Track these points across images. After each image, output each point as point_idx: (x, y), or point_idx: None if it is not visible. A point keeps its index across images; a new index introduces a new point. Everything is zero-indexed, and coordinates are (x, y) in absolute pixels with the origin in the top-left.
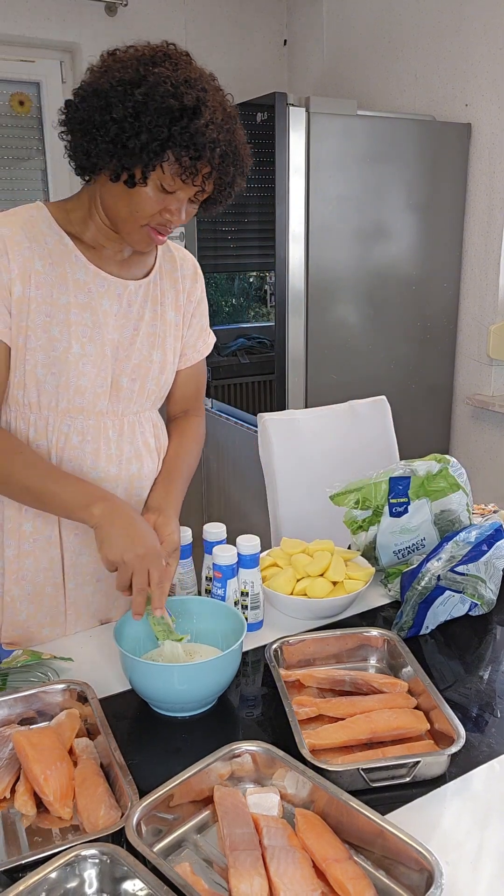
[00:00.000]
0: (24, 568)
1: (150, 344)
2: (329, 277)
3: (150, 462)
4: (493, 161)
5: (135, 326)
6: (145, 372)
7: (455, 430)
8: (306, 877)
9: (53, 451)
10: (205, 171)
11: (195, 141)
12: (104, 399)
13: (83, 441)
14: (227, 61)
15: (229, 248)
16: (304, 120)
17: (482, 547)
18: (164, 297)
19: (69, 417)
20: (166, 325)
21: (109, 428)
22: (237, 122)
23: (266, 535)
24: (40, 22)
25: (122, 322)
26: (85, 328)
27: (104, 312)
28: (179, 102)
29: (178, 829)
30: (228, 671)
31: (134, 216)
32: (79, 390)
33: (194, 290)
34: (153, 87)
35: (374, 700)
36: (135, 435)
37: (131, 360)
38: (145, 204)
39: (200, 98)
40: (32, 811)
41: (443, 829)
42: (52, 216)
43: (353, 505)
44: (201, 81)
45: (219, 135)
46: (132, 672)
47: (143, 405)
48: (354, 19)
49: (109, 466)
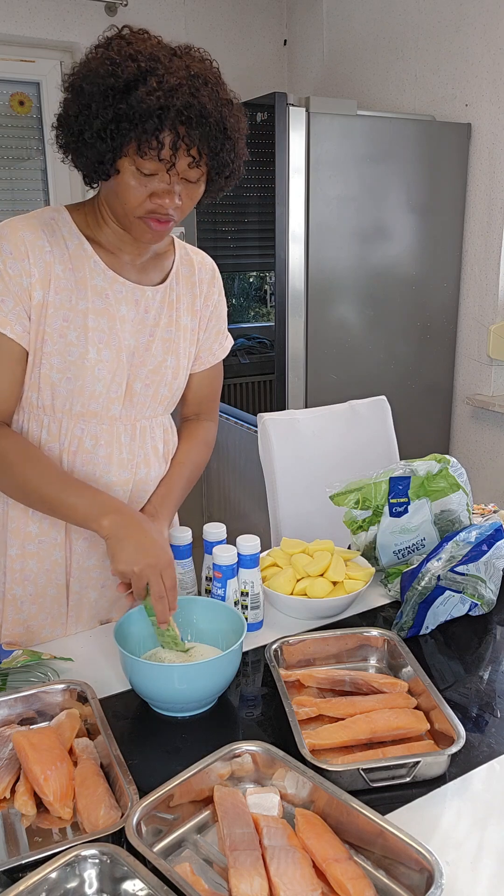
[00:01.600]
0: (27, 568)
1: (165, 349)
2: (329, 277)
3: (158, 467)
4: (494, 161)
5: (151, 332)
6: (160, 377)
7: (455, 430)
8: (306, 877)
9: (65, 455)
10: (168, 140)
11: (138, 111)
12: (118, 404)
13: (96, 445)
14: (227, 61)
15: (229, 248)
16: (304, 120)
17: (482, 547)
18: (179, 301)
19: (82, 421)
20: (180, 329)
21: (122, 433)
22: (211, 84)
23: (266, 535)
24: (40, 22)
25: (139, 328)
26: (102, 334)
27: (121, 318)
28: (117, 79)
29: (178, 829)
30: (228, 671)
31: (125, 208)
32: (93, 395)
33: (211, 293)
34: (93, 71)
35: (374, 700)
36: (145, 440)
37: (146, 365)
38: (129, 193)
39: (144, 68)
40: (32, 811)
41: (443, 830)
42: (72, 220)
43: (353, 505)
44: (154, 51)
45: (170, 99)
46: (132, 672)
47: (155, 410)
48: (354, 19)
49: (121, 471)
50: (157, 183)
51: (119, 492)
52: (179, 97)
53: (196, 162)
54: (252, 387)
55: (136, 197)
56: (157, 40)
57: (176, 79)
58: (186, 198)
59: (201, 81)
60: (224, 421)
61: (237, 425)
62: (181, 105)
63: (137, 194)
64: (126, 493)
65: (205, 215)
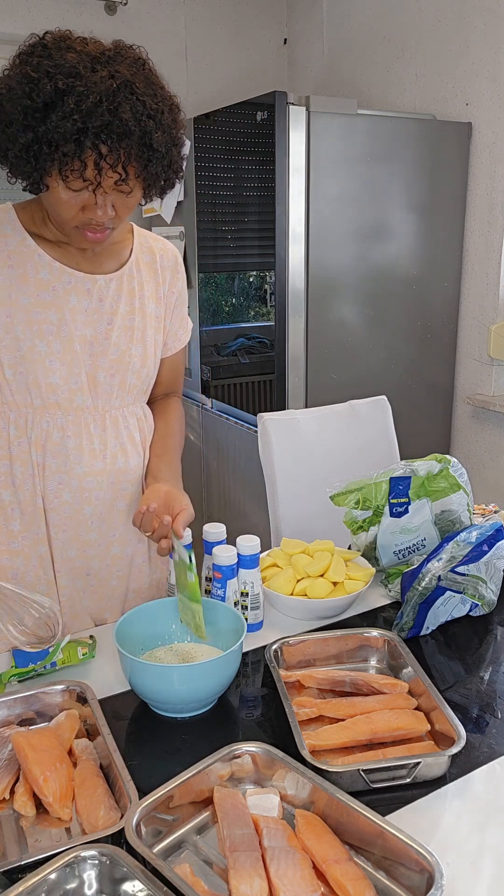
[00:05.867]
0: (16, 566)
1: (129, 338)
2: (329, 277)
3: (136, 456)
4: (494, 160)
5: (109, 321)
6: (125, 366)
7: (455, 430)
8: (306, 878)
9: (35, 449)
10: (91, 161)
11: (55, 135)
12: (81, 395)
13: (64, 437)
14: (227, 61)
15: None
16: (305, 119)
17: (483, 547)
18: (142, 289)
19: (48, 414)
20: (146, 317)
21: (91, 423)
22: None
23: (266, 535)
24: (40, 21)
25: (94, 318)
26: (50, 326)
27: (71, 309)
28: (33, 100)
29: (177, 830)
30: (228, 672)
31: (59, 220)
32: (51, 387)
33: (175, 280)
34: (12, 90)
35: (375, 701)
36: (118, 429)
37: (108, 355)
38: (61, 207)
39: (62, 87)
40: (32, 812)
41: (443, 830)
42: (17, 217)
43: (354, 505)
44: (75, 63)
45: (88, 121)
46: (132, 672)
47: (125, 399)
48: (355, 18)
49: (94, 461)
50: (87, 198)
51: (95, 482)
52: (98, 117)
53: (123, 179)
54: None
55: (68, 210)
56: (82, 46)
57: (95, 95)
58: (121, 207)
59: (126, 92)
60: (224, 421)
61: (237, 425)
62: (101, 125)
63: (69, 208)
64: (104, 483)
65: (205, 215)
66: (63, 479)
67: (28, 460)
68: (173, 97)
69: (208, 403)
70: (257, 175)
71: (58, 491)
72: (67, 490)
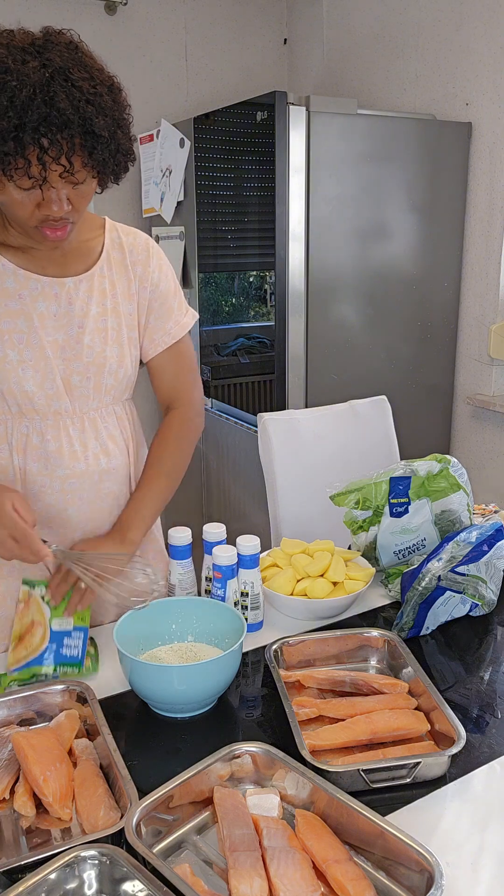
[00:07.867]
0: (2, 563)
1: (103, 340)
2: (329, 277)
3: (120, 455)
4: (494, 160)
5: (80, 324)
6: (98, 368)
7: (455, 430)
8: (306, 878)
9: (16, 454)
10: (34, 157)
11: None
12: (58, 399)
13: (44, 441)
14: (227, 61)
15: (229, 248)
16: (305, 119)
17: (483, 547)
18: (114, 288)
19: (26, 419)
20: (120, 316)
21: (70, 426)
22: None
23: (266, 535)
24: (40, 22)
25: (64, 322)
26: (20, 335)
27: (40, 315)
28: None
29: (177, 830)
30: (228, 672)
31: (16, 221)
32: (26, 395)
33: (147, 274)
34: None
35: (375, 701)
36: (98, 430)
37: (82, 358)
38: (16, 207)
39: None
40: (32, 812)
41: (443, 830)
42: None
43: (354, 505)
44: (3, 56)
45: (24, 116)
46: (132, 672)
47: (102, 401)
48: (355, 18)
49: (75, 463)
50: (38, 195)
51: (78, 484)
52: (34, 110)
53: (69, 170)
54: (252, 386)
55: (22, 210)
56: (9, 38)
57: (29, 88)
58: (77, 199)
59: (60, 80)
60: (224, 421)
61: (237, 425)
62: (38, 119)
63: (23, 207)
64: (86, 483)
65: (205, 215)
66: (45, 483)
67: (9, 465)
68: (112, 77)
69: (208, 403)
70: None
71: (40, 494)
72: (50, 493)
